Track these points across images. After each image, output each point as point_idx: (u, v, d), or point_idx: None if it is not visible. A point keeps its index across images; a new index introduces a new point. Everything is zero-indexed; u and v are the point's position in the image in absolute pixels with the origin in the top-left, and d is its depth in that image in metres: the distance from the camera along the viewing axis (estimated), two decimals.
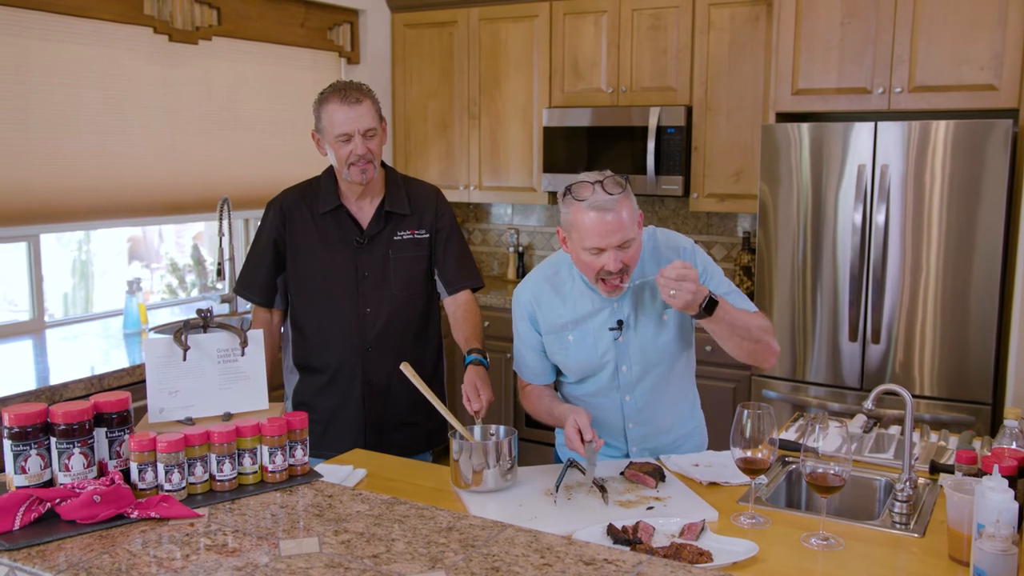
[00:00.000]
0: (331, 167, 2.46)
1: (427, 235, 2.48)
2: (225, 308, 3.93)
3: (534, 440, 4.30)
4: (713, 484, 2.02)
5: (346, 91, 2.32)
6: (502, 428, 2.06)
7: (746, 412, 1.83)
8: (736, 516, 1.84)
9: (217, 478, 1.63)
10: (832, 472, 1.73)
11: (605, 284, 2.00)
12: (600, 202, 1.91)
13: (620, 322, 2.11)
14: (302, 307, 2.48)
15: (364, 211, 2.45)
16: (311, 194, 2.47)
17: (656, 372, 2.16)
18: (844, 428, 1.81)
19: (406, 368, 2.12)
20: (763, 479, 2.03)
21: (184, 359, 1.77)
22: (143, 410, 1.77)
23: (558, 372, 2.26)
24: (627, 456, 2.22)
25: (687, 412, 2.29)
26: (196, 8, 3.82)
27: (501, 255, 5.10)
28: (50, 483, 1.54)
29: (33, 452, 1.52)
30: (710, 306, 1.93)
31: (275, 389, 2.57)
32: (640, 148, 4.11)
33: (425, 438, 2.54)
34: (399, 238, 2.45)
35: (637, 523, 1.72)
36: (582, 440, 1.95)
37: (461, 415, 2.13)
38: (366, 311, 2.42)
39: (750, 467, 1.83)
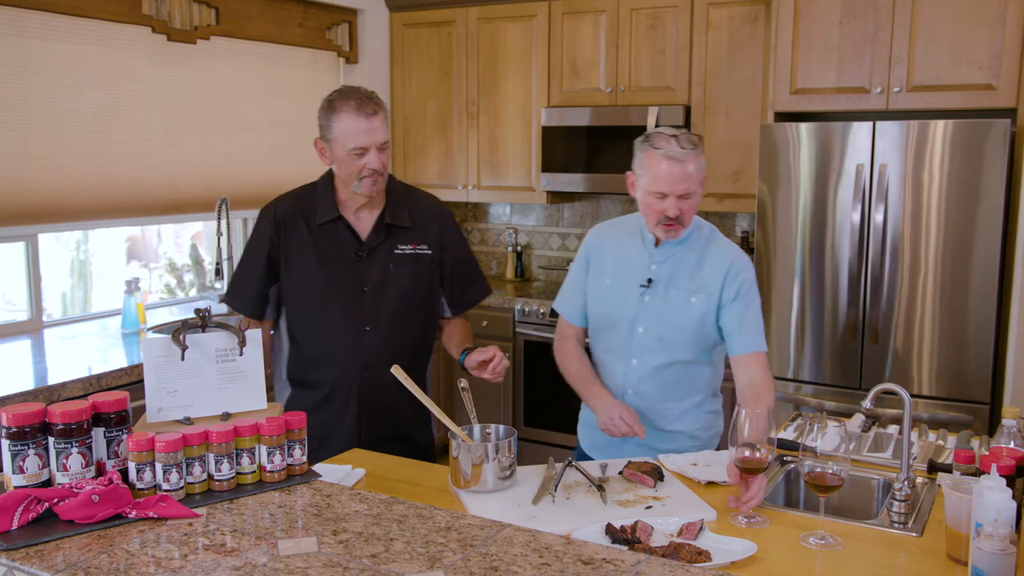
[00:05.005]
0: (328, 174, 2.36)
1: (430, 251, 2.37)
2: (223, 308, 3.92)
3: (533, 440, 4.30)
4: (711, 484, 2.02)
5: (362, 101, 2.21)
6: (501, 428, 2.06)
7: (743, 412, 1.83)
8: (734, 515, 1.84)
9: (215, 478, 1.63)
10: (830, 471, 1.74)
11: (663, 226, 2.17)
12: (672, 152, 2.10)
13: (650, 280, 2.24)
14: (297, 321, 2.36)
15: (363, 222, 2.33)
16: (307, 203, 2.35)
17: (668, 347, 2.24)
18: (842, 427, 1.81)
19: (397, 371, 2.10)
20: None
21: (182, 359, 1.77)
22: (141, 410, 1.77)
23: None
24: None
25: (693, 409, 2.30)
26: (194, 8, 3.82)
27: (500, 255, 5.10)
28: (48, 483, 1.54)
29: (31, 452, 1.51)
30: None
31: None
32: None
33: (420, 453, 2.42)
34: (400, 252, 2.34)
35: (636, 522, 1.72)
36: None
37: (457, 417, 2.13)
38: (365, 328, 2.31)
39: (747, 467, 1.83)
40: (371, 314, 2.32)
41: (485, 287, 2.54)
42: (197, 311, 1.85)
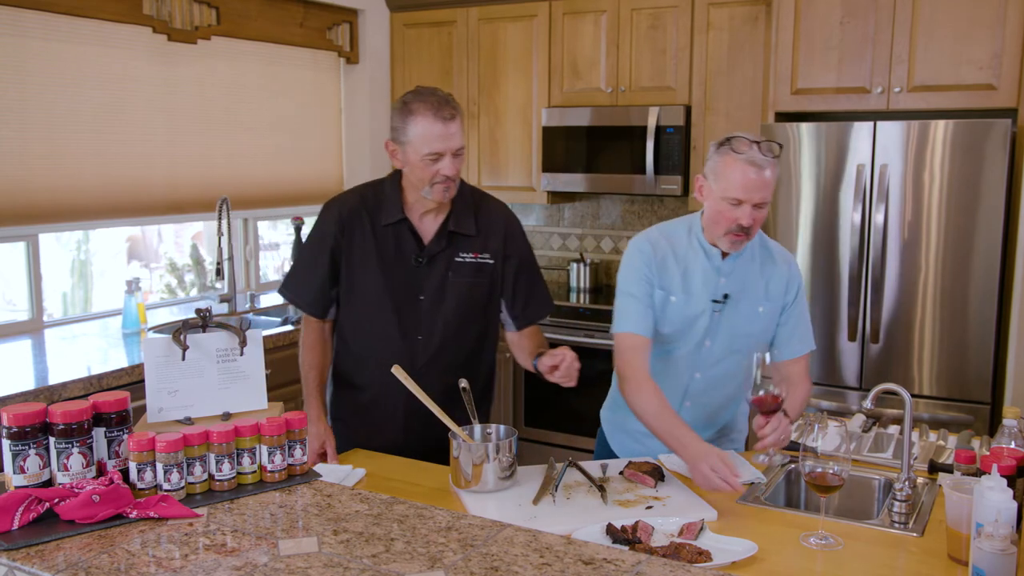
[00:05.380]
0: (396, 174, 2.27)
1: (492, 261, 2.29)
2: (224, 308, 3.93)
3: (533, 440, 4.30)
4: None
5: (439, 105, 2.11)
6: (502, 428, 2.06)
7: (756, 356, 1.96)
8: (756, 455, 2.03)
9: (216, 478, 1.63)
10: (831, 472, 1.74)
11: (731, 236, 2.08)
12: (754, 158, 2.02)
13: (726, 295, 2.17)
14: (350, 321, 2.31)
15: (427, 226, 2.25)
16: (373, 202, 2.26)
17: (733, 359, 2.21)
18: (843, 427, 1.81)
19: (397, 371, 2.07)
20: (762, 478, 2.03)
21: (183, 359, 1.77)
22: (142, 410, 1.77)
23: None
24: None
25: (735, 416, 2.34)
26: (195, 8, 3.82)
27: None
28: (49, 483, 1.54)
29: (32, 452, 1.51)
30: None
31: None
32: (639, 148, 4.10)
33: None
34: (460, 260, 2.26)
35: (636, 522, 1.72)
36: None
37: (459, 418, 2.13)
38: (418, 336, 2.26)
39: (765, 407, 1.94)
40: (426, 322, 2.26)
41: (547, 302, 2.40)
42: (198, 311, 1.85)
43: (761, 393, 1.96)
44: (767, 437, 1.96)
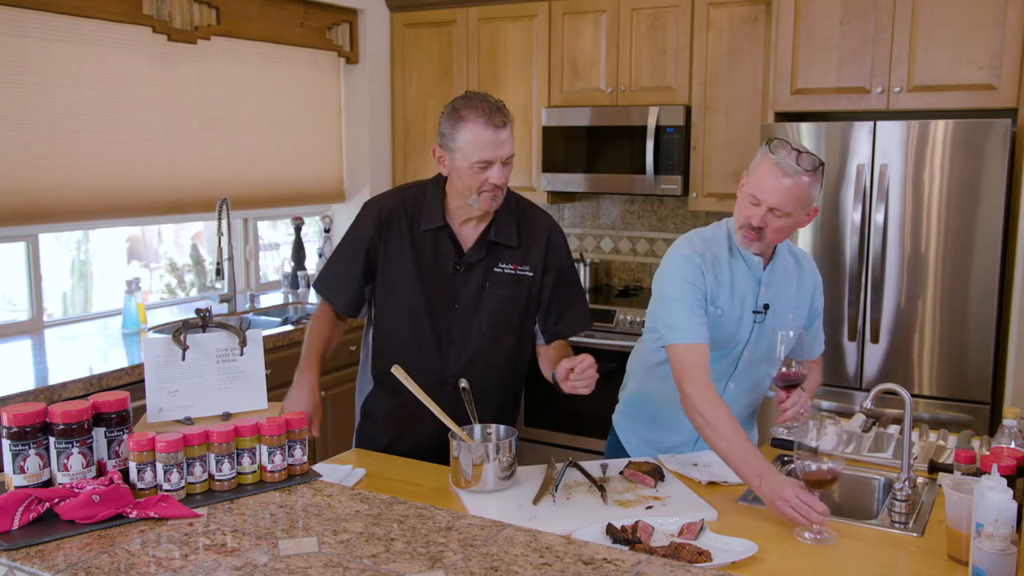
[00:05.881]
0: (439, 178, 2.22)
1: (531, 274, 2.23)
2: (224, 308, 3.93)
3: (533, 440, 4.30)
4: (712, 484, 2.02)
5: (491, 112, 2.08)
6: (502, 428, 2.06)
7: (780, 334, 2.01)
8: (776, 427, 2.05)
9: (216, 478, 1.63)
10: (826, 467, 1.75)
11: (743, 231, 2.08)
12: (783, 163, 1.98)
13: (766, 306, 2.17)
14: (384, 323, 2.28)
15: (467, 234, 2.20)
16: (413, 206, 2.22)
17: (764, 365, 2.21)
18: (839, 426, 1.81)
19: (397, 371, 2.06)
20: None
21: (183, 359, 1.77)
22: (142, 410, 1.77)
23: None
24: (694, 445, 2.27)
25: (751, 418, 2.34)
26: (195, 8, 3.82)
27: None
28: (49, 483, 1.54)
29: (32, 452, 1.52)
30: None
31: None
32: (639, 148, 4.11)
33: None
34: (499, 270, 2.21)
35: (636, 522, 1.72)
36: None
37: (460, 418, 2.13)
38: (450, 346, 2.23)
39: (787, 382, 2.02)
40: (459, 331, 2.23)
41: (583, 318, 2.32)
42: (198, 311, 1.85)
43: (784, 369, 2.01)
44: (788, 411, 2.02)
